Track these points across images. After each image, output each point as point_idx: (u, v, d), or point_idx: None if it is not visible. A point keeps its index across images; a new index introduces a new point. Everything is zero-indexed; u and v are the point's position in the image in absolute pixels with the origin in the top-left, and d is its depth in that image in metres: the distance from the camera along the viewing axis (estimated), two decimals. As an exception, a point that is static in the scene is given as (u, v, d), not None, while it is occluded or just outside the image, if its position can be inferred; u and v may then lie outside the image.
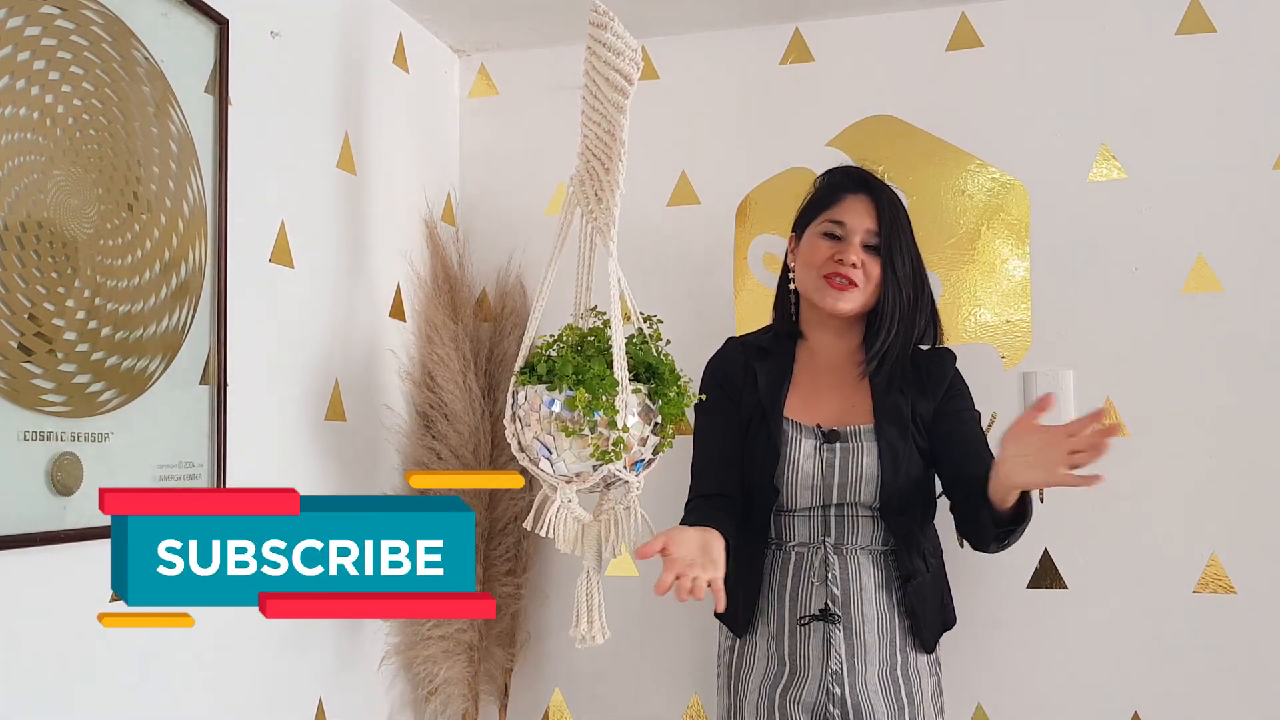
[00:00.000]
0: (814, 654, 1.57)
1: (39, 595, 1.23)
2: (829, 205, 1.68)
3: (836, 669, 1.56)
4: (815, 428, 1.63)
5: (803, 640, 1.58)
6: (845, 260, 1.62)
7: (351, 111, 1.90)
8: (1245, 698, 1.86)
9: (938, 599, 1.66)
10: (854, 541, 1.61)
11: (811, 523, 1.62)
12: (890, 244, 1.63)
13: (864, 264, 1.63)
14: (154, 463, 1.38)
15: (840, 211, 1.66)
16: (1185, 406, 1.92)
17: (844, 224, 1.65)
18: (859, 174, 1.72)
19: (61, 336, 1.25)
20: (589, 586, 1.51)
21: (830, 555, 1.60)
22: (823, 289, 1.64)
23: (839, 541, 1.61)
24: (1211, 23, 1.96)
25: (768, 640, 1.62)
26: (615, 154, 1.45)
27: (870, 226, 1.64)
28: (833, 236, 1.65)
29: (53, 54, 1.25)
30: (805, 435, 1.63)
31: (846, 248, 1.63)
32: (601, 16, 1.45)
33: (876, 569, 1.61)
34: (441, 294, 2.06)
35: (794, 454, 1.61)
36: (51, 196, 1.24)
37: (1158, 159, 1.96)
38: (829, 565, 1.59)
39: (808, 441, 1.62)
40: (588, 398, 1.38)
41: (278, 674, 1.66)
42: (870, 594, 1.59)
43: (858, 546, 1.61)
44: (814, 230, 1.67)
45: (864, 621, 1.58)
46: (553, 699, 2.16)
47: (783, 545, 1.64)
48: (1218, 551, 1.89)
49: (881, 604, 1.59)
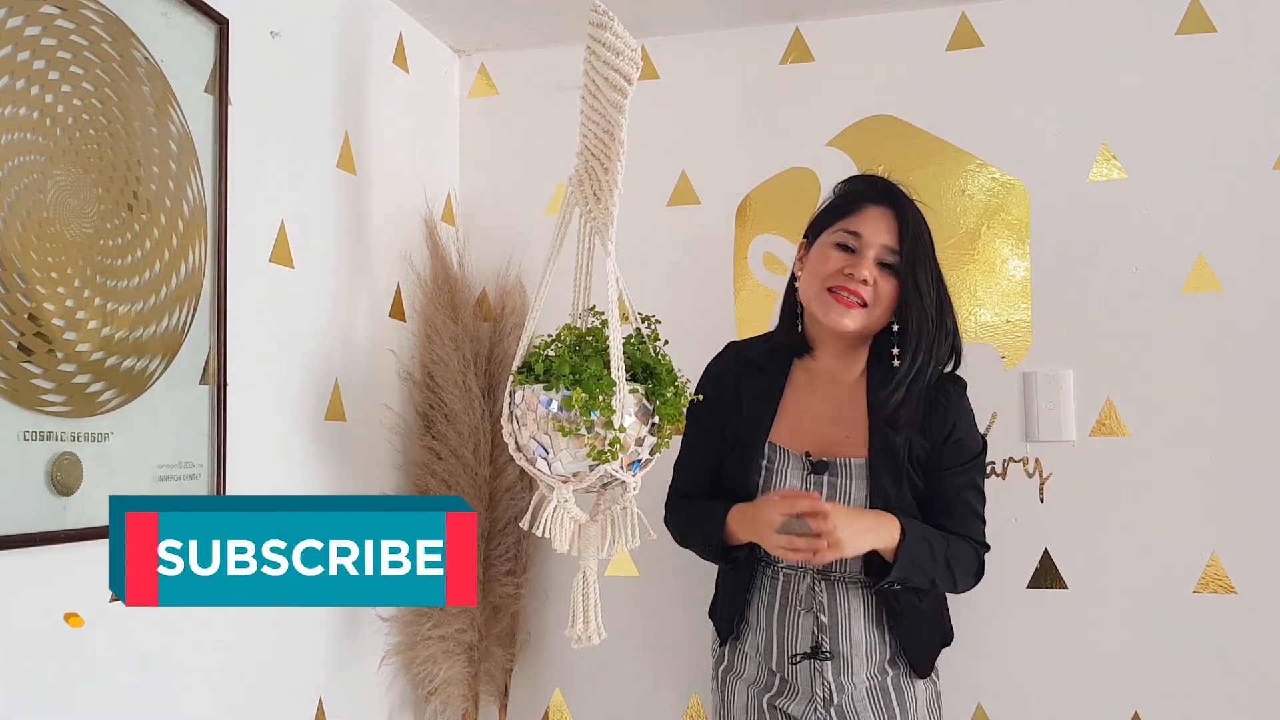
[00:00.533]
0: (802, 680, 1.55)
1: (39, 595, 1.23)
2: (847, 214, 1.57)
3: (824, 695, 1.53)
4: (804, 456, 1.56)
5: (790, 654, 1.56)
6: (856, 275, 1.51)
7: (351, 111, 1.90)
8: (1245, 698, 1.86)
9: (934, 626, 1.61)
10: (842, 571, 1.55)
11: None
12: (914, 264, 1.52)
13: (876, 282, 1.52)
14: (154, 463, 1.38)
15: (858, 222, 1.55)
16: (1185, 406, 1.91)
17: (860, 236, 1.54)
18: (884, 185, 1.60)
19: (61, 336, 1.25)
20: (585, 586, 1.51)
21: (816, 585, 1.54)
22: (827, 303, 1.54)
23: (827, 570, 1.54)
24: (1211, 23, 1.95)
25: (757, 651, 1.59)
26: (614, 154, 1.44)
27: (889, 243, 1.53)
28: (846, 248, 1.54)
29: (53, 54, 1.25)
30: (792, 464, 1.56)
31: (860, 261, 1.52)
32: (601, 16, 1.45)
33: (866, 603, 1.54)
34: (441, 294, 2.07)
35: (777, 484, 1.55)
36: (51, 196, 1.24)
37: (1158, 159, 1.96)
38: (815, 595, 1.54)
39: (794, 471, 1.55)
40: (585, 398, 1.38)
41: (278, 674, 1.66)
42: (860, 627, 1.54)
43: (847, 577, 1.55)
44: (827, 239, 1.57)
45: (852, 651, 1.53)
46: (553, 699, 2.16)
47: (771, 565, 1.58)
48: (1218, 551, 1.89)
49: (873, 639, 1.54)
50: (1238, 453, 1.89)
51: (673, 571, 2.05)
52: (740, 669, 1.62)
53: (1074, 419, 1.96)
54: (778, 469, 1.57)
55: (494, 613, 2.03)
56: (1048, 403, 1.96)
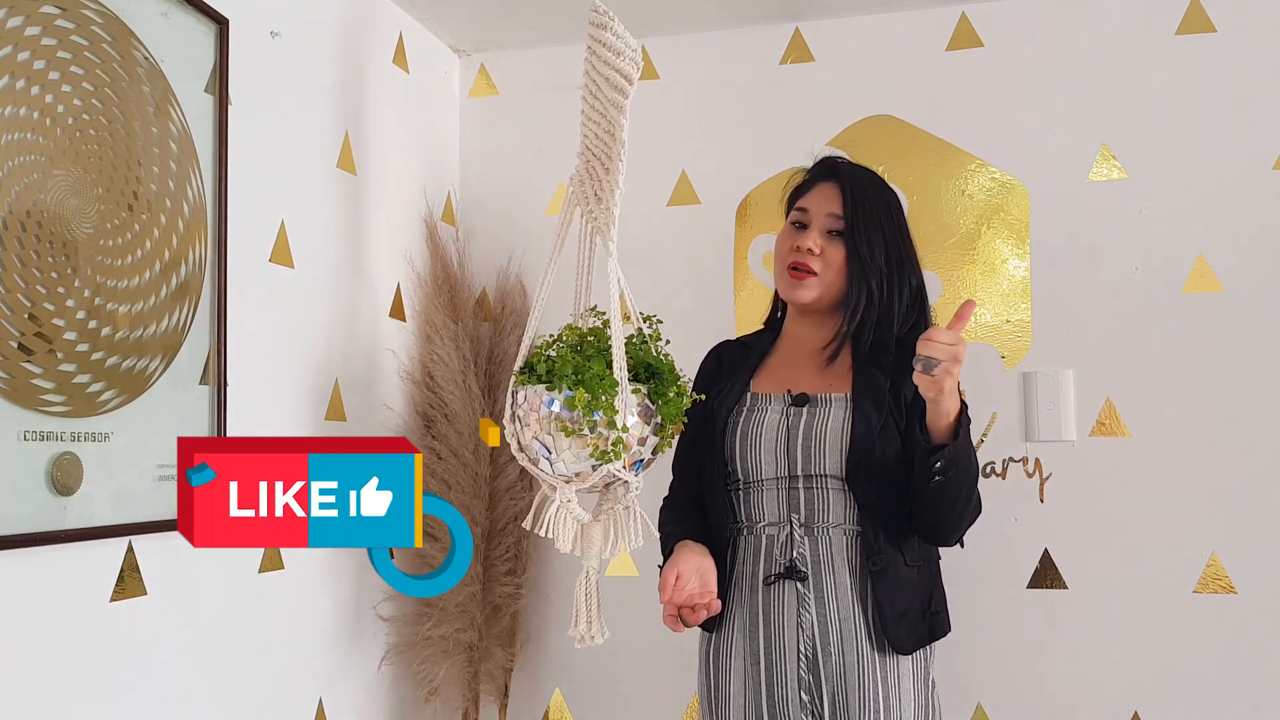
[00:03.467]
0: (788, 641, 1.52)
1: (39, 595, 1.23)
2: (800, 194, 1.66)
3: (808, 654, 1.51)
4: (785, 393, 1.60)
5: (776, 628, 1.53)
6: (802, 247, 1.59)
7: (351, 111, 1.90)
8: (1245, 698, 1.86)
9: (919, 599, 1.57)
10: (825, 519, 1.54)
11: (779, 498, 1.56)
12: (854, 227, 1.58)
13: (824, 250, 1.59)
14: (154, 463, 1.38)
15: (807, 199, 1.64)
16: (1185, 406, 1.92)
17: (808, 210, 1.62)
18: (829, 161, 1.69)
19: (61, 336, 1.25)
20: (588, 586, 1.51)
21: (799, 534, 1.54)
22: (786, 281, 1.62)
23: (809, 519, 1.54)
24: (1211, 23, 1.96)
25: (744, 633, 1.57)
26: (615, 154, 1.44)
27: (833, 210, 1.60)
28: (799, 225, 1.63)
29: (53, 54, 1.25)
30: (773, 403, 1.60)
31: (805, 235, 1.60)
32: (601, 16, 1.45)
33: (849, 549, 1.53)
34: (441, 294, 2.06)
35: (758, 419, 1.58)
36: (52, 196, 1.24)
37: (1158, 159, 1.97)
38: (795, 543, 1.54)
39: (774, 407, 1.59)
40: (587, 398, 1.38)
41: (278, 674, 1.66)
42: (843, 573, 1.52)
43: (829, 525, 1.54)
44: (786, 221, 1.67)
45: (835, 602, 1.52)
46: (553, 699, 2.16)
47: (752, 528, 1.58)
48: (1218, 551, 1.89)
49: (854, 586, 1.52)
50: (1238, 453, 1.89)
51: (673, 571, 2.05)
52: (729, 667, 1.59)
53: (1074, 419, 1.96)
54: (759, 407, 1.60)
55: (494, 613, 2.03)
56: (1048, 403, 1.97)
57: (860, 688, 1.51)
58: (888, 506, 1.54)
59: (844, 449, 1.53)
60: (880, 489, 1.53)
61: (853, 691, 1.50)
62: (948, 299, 2.03)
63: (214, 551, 1.50)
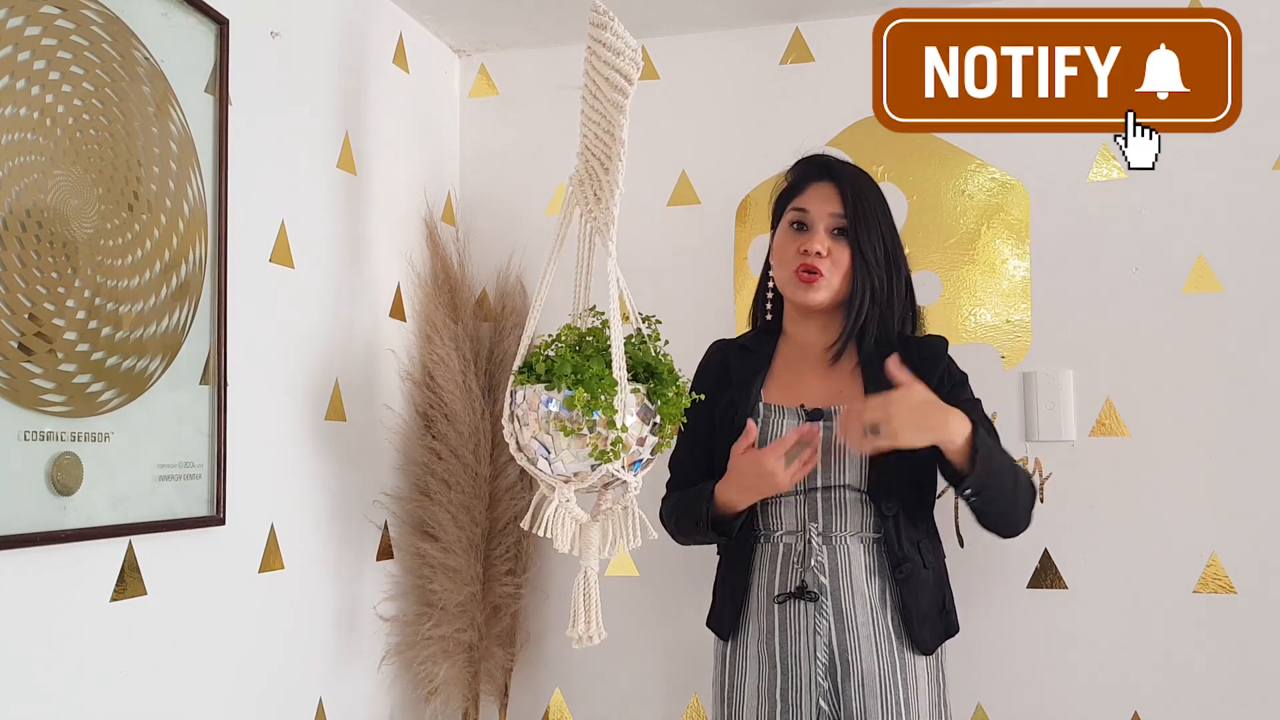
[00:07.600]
0: (804, 649, 1.53)
1: (39, 595, 1.23)
2: (794, 195, 1.66)
3: (825, 661, 1.52)
4: (798, 407, 1.60)
5: (793, 636, 1.54)
6: (810, 250, 1.59)
7: (351, 111, 1.90)
8: (1245, 698, 1.86)
9: (937, 600, 1.60)
10: (843, 528, 1.56)
11: (798, 508, 1.58)
12: (856, 226, 1.60)
13: (831, 251, 1.60)
14: (154, 462, 1.38)
15: (804, 199, 1.64)
16: (1185, 406, 1.92)
17: (808, 211, 1.63)
18: (821, 159, 1.69)
19: (61, 336, 1.25)
20: (586, 586, 1.51)
21: (816, 542, 1.55)
22: (795, 285, 1.62)
23: (827, 528, 1.56)
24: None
25: (758, 642, 1.58)
26: (615, 154, 1.44)
27: (834, 210, 1.61)
28: (800, 226, 1.63)
29: (53, 54, 1.25)
30: (787, 416, 1.60)
31: (811, 237, 1.61)
32: (601, 16, 1.45)
33: (867, 555, 1.55)
34: (441, 294, 2.07)
35: (774, 437, 1.57)
36: (52, 196, 1.24)
37: (1158, 159, 1.96)
38: (812, 552, 1.55)
39: (789, 423, 1.58)
40: (586, 397, 1.38)
41: (278, 674, 1.66)
42: (861, 581, 1.54)
43: (847, 533, 1.56)
44: (784, 223, 1.66)
45: (855, 610, 1.53)
46: (553, 699, 2.16)
47: (770, 537, 1.60)
48: (1218, 551, 1.89)
49: (873, 593, 1.54)
50: (1238, 453, 1.89)
51: (673, 571, 2.05)
52: (744, 669, 1.61)
53: (1074, 419, 1.96)
54: (773, 422, 1.60)
55: (494, 613, 2.03)
56: (1047, 403, 1.97)
57: (882, 692, 1.52)
58: (909, 513, 1.58)
59: (864, 462, 1.55)
60: (903, 498, 1.57)
61: (873, 697, 1.52)
62: (948, 299, 2.03)
63: (214, 552, 1.50)
